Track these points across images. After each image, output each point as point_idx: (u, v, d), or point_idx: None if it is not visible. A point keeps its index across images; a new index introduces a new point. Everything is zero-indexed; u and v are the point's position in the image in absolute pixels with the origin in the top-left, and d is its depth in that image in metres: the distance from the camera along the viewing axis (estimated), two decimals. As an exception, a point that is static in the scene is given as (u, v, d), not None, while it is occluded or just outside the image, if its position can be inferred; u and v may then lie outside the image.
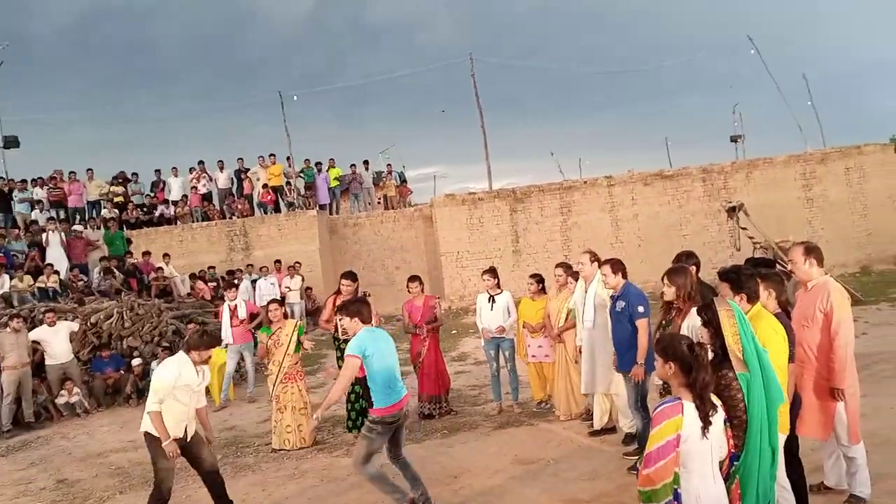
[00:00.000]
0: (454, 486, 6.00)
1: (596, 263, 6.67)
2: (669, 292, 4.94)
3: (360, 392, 7.68)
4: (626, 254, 17.51)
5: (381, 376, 5.16)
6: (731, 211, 14.19)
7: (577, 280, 7.29)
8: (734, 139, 26.40)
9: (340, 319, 5.74)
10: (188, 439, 5.51)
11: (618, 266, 6.15)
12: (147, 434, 5.37)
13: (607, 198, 19.21)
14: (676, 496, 3.09)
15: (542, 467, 6.22)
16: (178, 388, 5.33)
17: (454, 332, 15.18)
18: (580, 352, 6.99)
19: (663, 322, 5.20)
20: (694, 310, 4.55)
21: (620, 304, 6.02)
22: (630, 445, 6.34)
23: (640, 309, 5.90)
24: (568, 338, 7.44)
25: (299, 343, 7.86)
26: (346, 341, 7.65)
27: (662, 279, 5.01)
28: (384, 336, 5.41)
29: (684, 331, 4.62)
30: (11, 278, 13.50)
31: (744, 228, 14.02)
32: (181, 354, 5.53)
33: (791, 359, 4.12)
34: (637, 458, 5.90)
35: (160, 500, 5.38)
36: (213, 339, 5.81)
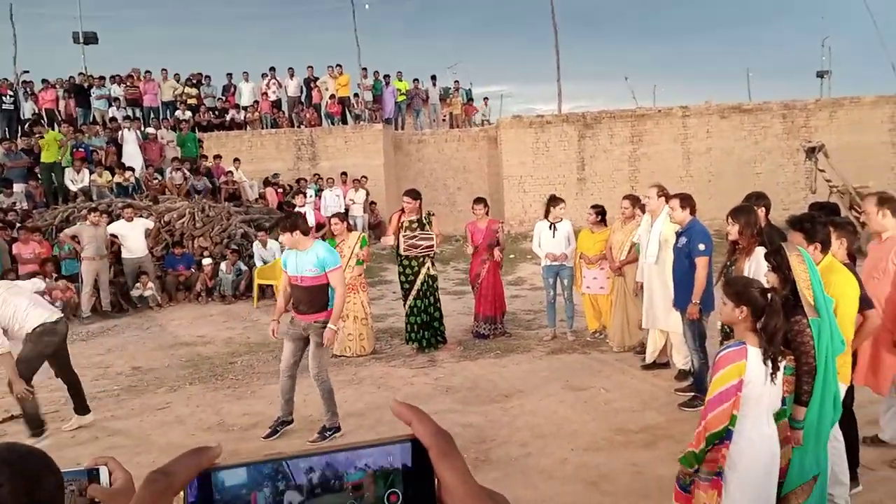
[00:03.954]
0: (504, 404, 6.19)
1: (663, 198, 6.54)
2: (733, 231, 4.87)
3: (420, 306, 7.90)
4: (696, 189, 17.00)
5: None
6: (811, 151, 13.61)
7: (643, 213, 7.21)
8: (821, 75, 24.98)
9: (281, 236, 5.94)
10: None
11: (686, 201, 6.02)
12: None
13: (681, 129, 18.52)
14: (728, 434, 3.15)
15: (593, 395, 6.34)
16: None
17: (512, 256, 15.22)
18: (641, 287, 6.96)
19: (728, 263, 5.14)
20: (758, 251, 4.49)
21: (682, 241, 5.95)
22: (683, 382, 6.40)
23: (701, 247, 5.81)
24: (629, 271, 7.41)
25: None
26: (407, 257, 7.88)
27: (727, 218, 4.94)
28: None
29: (746, 272, 4.58)
30: (91, 173, 14.04)
31: (821, 170, 13.48)
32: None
33: (860, 309, 4.05)
34: (690, 394, 5.98)
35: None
36: None
